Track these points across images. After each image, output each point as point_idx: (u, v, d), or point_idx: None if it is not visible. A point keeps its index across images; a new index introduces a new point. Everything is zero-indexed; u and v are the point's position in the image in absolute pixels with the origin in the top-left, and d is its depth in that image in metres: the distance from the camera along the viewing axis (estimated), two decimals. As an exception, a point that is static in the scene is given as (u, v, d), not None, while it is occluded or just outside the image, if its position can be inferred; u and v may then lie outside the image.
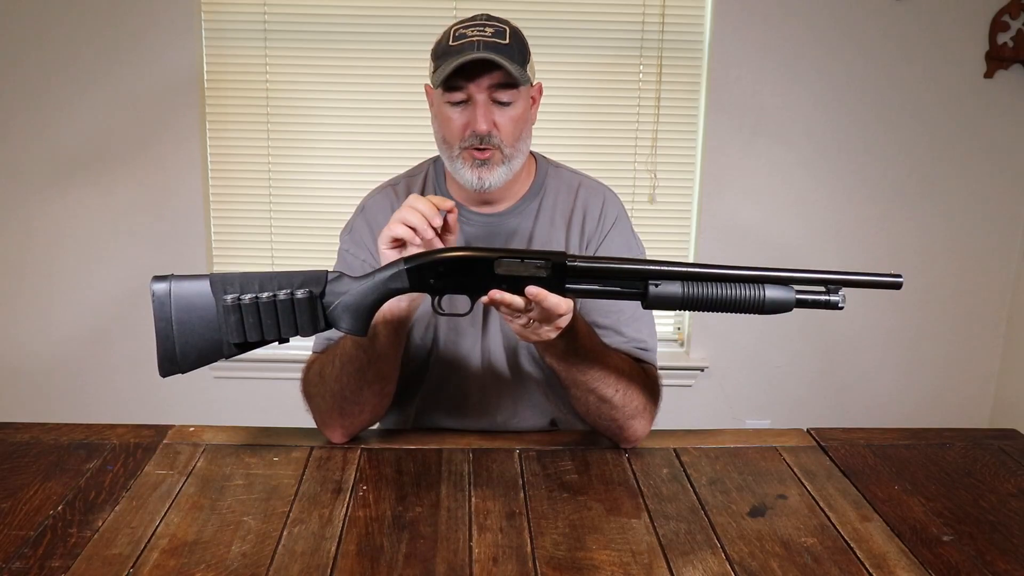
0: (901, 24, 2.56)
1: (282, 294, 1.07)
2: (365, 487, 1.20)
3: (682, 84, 2.63)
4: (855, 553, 1.07)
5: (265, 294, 1.07)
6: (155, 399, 2.70)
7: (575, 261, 1.06)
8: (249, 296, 1.07)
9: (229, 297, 1.07)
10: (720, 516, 1.15)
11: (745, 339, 2.77)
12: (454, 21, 1.30)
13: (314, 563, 1.02)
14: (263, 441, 1.34)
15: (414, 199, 1.13)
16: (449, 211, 1.14)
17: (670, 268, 1.07)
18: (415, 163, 1.47)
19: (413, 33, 2.52)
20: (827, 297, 1.08)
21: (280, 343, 1.11)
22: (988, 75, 2.60)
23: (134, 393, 2.70)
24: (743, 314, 1.09)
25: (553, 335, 1.11)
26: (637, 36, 2.58)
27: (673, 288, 1.07)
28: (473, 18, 1.28)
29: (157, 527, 1.09)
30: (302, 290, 1.07)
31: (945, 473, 1.30)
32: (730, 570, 1.03)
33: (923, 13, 2.55)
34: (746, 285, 1.07)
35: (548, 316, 1.07)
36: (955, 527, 1.14)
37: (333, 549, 1.05)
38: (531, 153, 1.40)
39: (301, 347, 2.67)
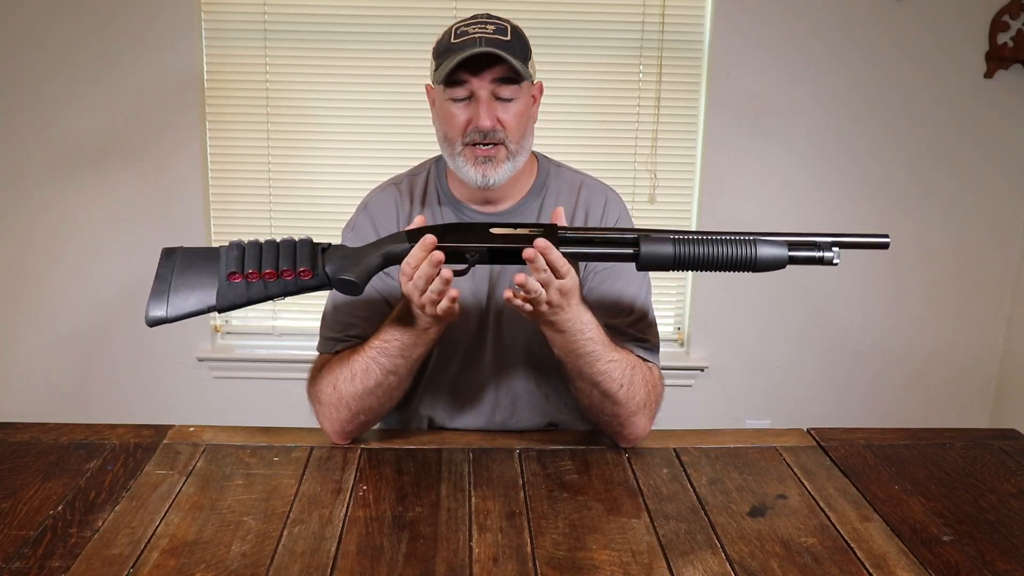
0: (901, 24, 2.56)
1: (284, 237, 1.13)
2: (365, 487, 1.20)
3: (682, 84, 2.62)
4: (855, 553, 1.07)
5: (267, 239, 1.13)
6: (155, 399, 2.71)
7: (566, 232, 1.11)
8: (252, 239, 1.13)
9: (233, 239, 1.12)
10: (720, 516, 1.15)
11: (745, 339, 2.77)
12: (455, 21, 1.30)
13: (314, 563, 1.02)
14: (263, 441, 1.34)
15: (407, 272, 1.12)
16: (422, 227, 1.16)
17: (661, 235, 1.09)
18: (415, 163, 1.47)
19: (413, 33, 2.52)
20: (820, 253, 1.09)
21: (275, 296, 1.11)
22: (988, 75, 2.60)
23: (134, 393, 2.70)
24: (738, 272, 1.10)
25: (555, 295, 1.11)
26: (637, 36, 2.58)
27: (665, 248, 1.08)
28: (474, 17, 1.29)
29: (157, 527, 1.09)
30: (303, 236, 1.13)
31: (945, 473, 1.30)
32: (730, 570, 1.03)
33: (923, 13, 2.55)
34: (738, 243, 1.08)
35: (555, 272, 1.09)
36: (955, 527, 1.14)
37: (333, 549, 1.05)
38: (532, 153, 1.41)
39: (301, 347, 2.70)
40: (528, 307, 1.13)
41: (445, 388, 1.41)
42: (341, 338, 1.33)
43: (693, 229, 1.14)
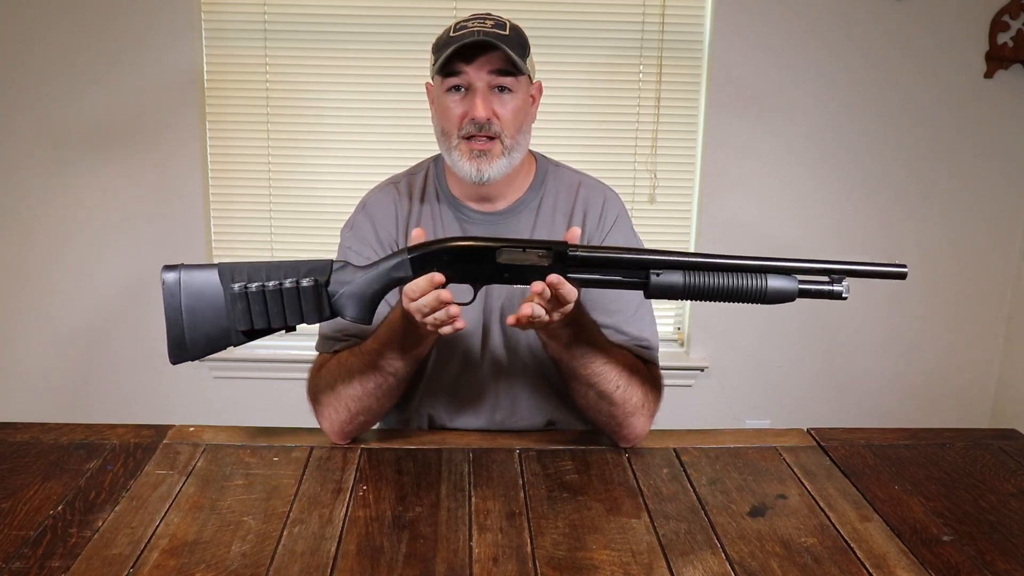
0: (901, 24, 2.56)
1: (288, 282, 1.09)
2: (365, 487, 1.20)
3: (682, 84, 2.62)
4: (855, 553, 1.07)
5: (271, 283, 1.09)
6: (155, 399, 2.71)
7: (576, 251, 1.08)
8: (256, 284, 1.09)
9: (236, 285, 1.09)
10: (720, 516, 1.15)
11: (745, 339, 2.77)
12: (454, 19, 1.31)
13: (314, 563, 1.02)
14: (263, 441, 1.34)
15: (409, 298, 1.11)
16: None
17: (671, 258, 1.07)
18: (414, 163, 1.47)
19: (413, 33, 2.52)
20: (831, 287, 1.07)
21: (287, 332, 1.13)
22: (988, 75, 2.60)
23: (134, 393, 2.70)
24: (746, 304, 1.08)
25: (557, 317, 1.12)
26: (637, 36, 2.58)
27: (675, 278, 1.07)
28: (474, 15, 1.29)
29: (157, 527, 1.09)
30: (307, 279, 1.10)
31: (945, 473, 1.30)
32: (730, 570, 1.03)
33: (923, 13, 2.55)
34: (748, 275, 1.07)
35: (559, 303, 1.09)
36: (955, 527, 1.14)
37: (333, 549, 1.05)
38: (531, 152, 1.41)
39: (301, 347, 2.70)
40: (529, 327, 1.13)
41: (445, 388, 1.41)
42: (340, 338, 1.33)
43: (703, 252, 1.11)
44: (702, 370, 2.77)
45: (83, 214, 2.59)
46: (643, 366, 1.32)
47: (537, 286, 1.07)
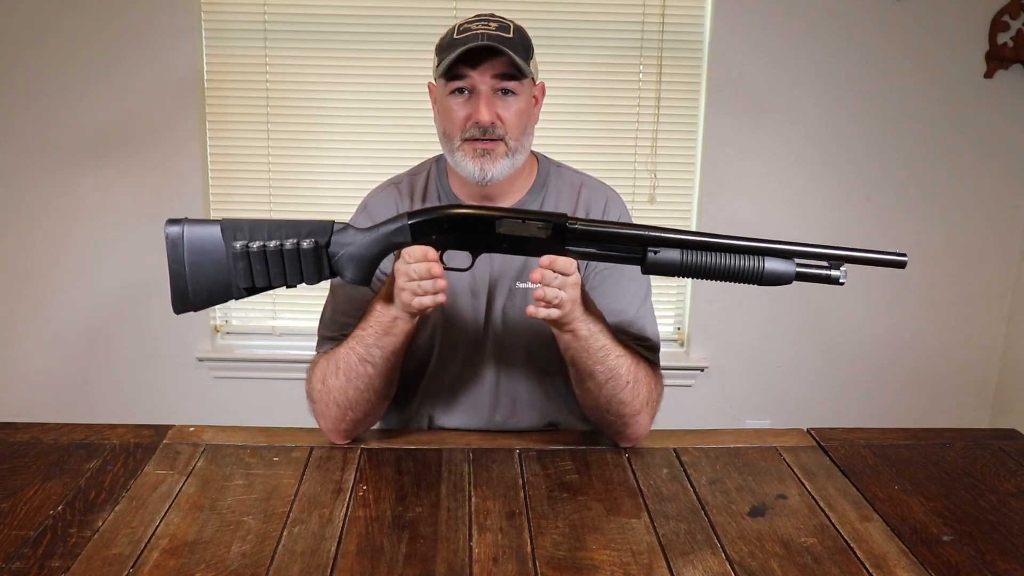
0: (901, 24, 2.56)
1: (288, 243, 1.11)
2: (365, 487, 1.20)
3: (682, 84, 2.62)
4: (855, 553, 1.08)
5: (272, 243, 1.11)
6: (155, 399, 2.71)
7: (575, 224, 1.09)
8: (257, 244, 1.11)
9: (238, 244, 1.11)
10: (720, 516, 1.15)
11: (745, 339, 2.77)
12: (458, 20, 1.30)
13: (314, 563, 1.02)
14: (263, 441, 1.34)
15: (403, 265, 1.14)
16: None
17: (670, 235, 1.08)
18: (415, 162, 1.47)
19: (413, 33, 2.52)
20: (828, 272, 1.08)
21: (287, 288, 1.15)
22: (988, 75, 2.60)
23: (134, 393, 2.70)
24: (743, 284, 1.09)
25: (571, 291, 1.13)
26: (637, 36, 2.58)
27: (672, 255, 1.08)
28: (477, 15, 1.29)
29: (157, 527, 1.09)
30: (308, 240, 1.12)
31: (945, 473, 1.30)
32: (730, 570, 1.03)
33: (923, 13, 2.55)
34: (745, 255, 1.07)
35: (564, 273, 1.11)
36: (955, 527, 1.14)
37: (333, 549, 1.05)
38: (533, 153, 1.41)
39: (301, 347, 2.70)
40: (554, 312, 1.14)
41: (445, 388, 1.41)
42: (337, 337, 1.33)
43: (702, 231, 1.12)
44: (702, 370, 2.77)
45: (83, 214, 2.59)
46: (646, 364, 1.33)
47: (536, 275, 1.10)
